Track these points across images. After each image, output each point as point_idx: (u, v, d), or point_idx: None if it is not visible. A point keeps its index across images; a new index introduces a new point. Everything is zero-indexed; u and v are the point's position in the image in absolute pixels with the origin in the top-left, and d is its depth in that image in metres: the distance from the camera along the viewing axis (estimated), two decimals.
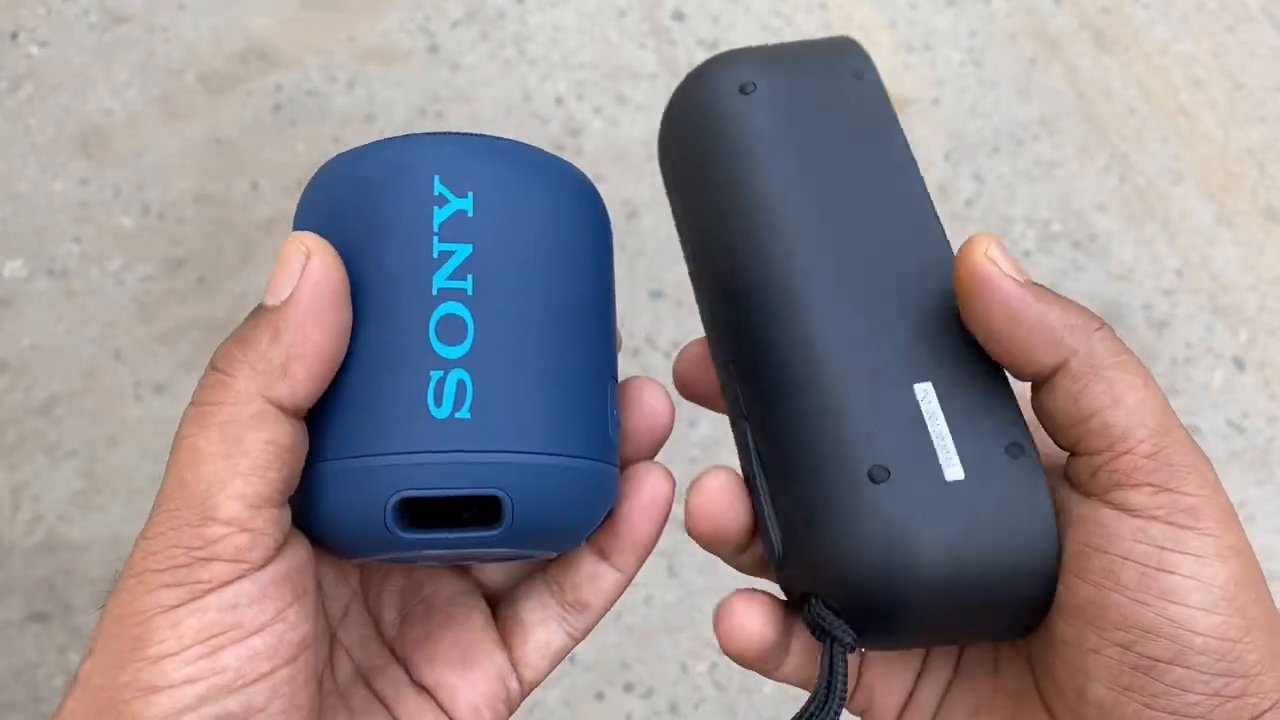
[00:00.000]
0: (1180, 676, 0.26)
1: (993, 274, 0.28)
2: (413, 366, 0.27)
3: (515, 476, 0.27)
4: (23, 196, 1.06)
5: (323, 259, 0.27)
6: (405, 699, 0.31)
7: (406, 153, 0.29)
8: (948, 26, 1.22)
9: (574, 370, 0.29)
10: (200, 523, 0.25)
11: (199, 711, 0.24)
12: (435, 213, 0.28)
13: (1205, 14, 1.26)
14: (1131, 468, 0.27)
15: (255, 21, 1.16)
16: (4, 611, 0.90)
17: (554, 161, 0.31)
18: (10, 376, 0.98)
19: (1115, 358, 0.28)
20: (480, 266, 0.28)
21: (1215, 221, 1.15)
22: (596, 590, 0.32)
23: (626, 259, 1.07)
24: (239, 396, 0.25)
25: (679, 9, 1.20)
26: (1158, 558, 0.26)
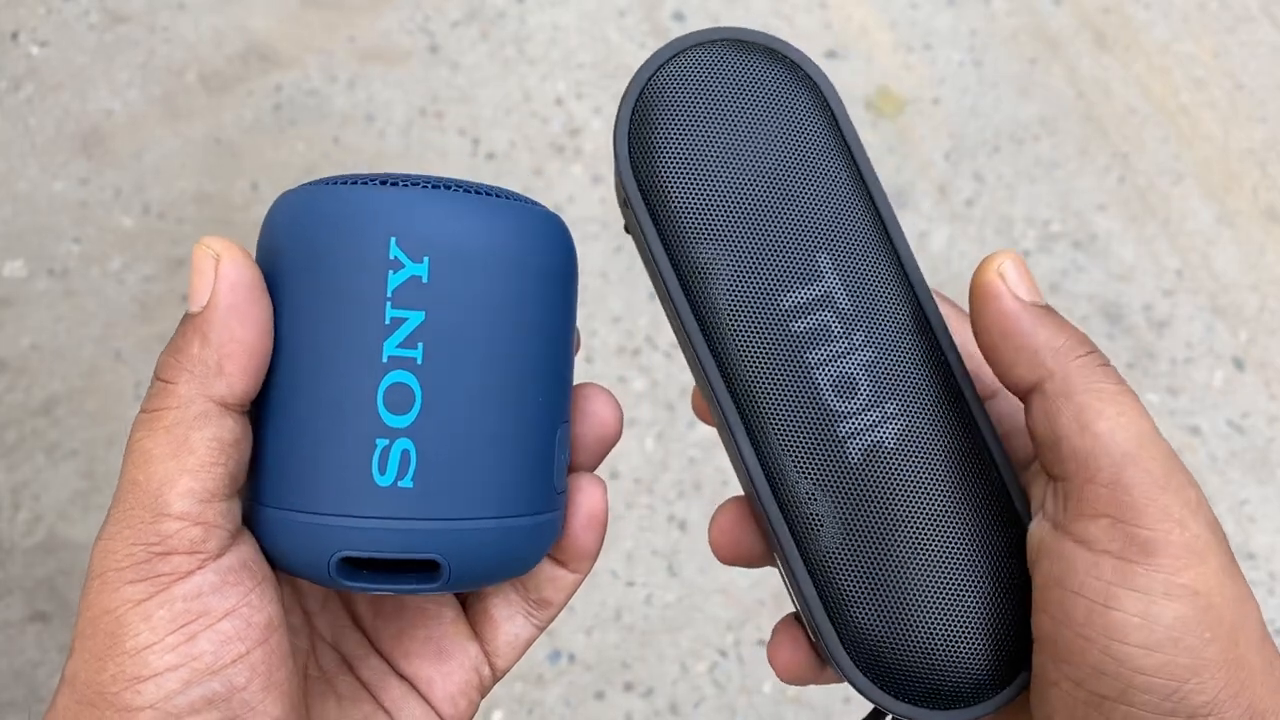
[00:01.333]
0: (1125, 714, 0.26)
1: (997, 288, 0.29)
2: (359, 433, 0.27)
3: (454, 542, 0.28)
4: (23, 196, 1.06)
5: (232, 259, 0.28)
6: (389, 686, 0.32)
7: (365, 206, 0.28)
8: (948, 26, 1.22)
9: (522, 431, 0.29)
10: (154, 520, 0.26)
11: (186, 694, 0.25)
12: (389, 278, 0.27)
13: (1205, 14, 1.26)
14: (1093, 497, 0.27)
15: (255, 21, 1.16)
16: (4, 611, 0.90)
17: (515, 210, 0.30)
18: (10, 376, 0.98)
19: (1092, 385, 0.28)
20: (431, 335, 0.27)
21: (1216, 221, 1.15)
22: (557, 589, 0.33)
23: (626, 259, 1.07)
24: (182, 400, 0.27)
25: (679, 9, 1.20)
26: (1105, 593, 0.26)
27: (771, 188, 0.30)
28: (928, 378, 0.30)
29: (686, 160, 0.31)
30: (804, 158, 0.31)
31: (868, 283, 0.30)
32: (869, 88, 1.18)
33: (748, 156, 0.31)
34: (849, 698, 0.92)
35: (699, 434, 1.00)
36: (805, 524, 0.30)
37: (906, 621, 0.30)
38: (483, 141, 1.12)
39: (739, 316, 0.30)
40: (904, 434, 0.30)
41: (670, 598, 0.95)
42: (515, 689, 0.91)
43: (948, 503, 0.30)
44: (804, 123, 0.31)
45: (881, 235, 0.31)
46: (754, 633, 0.94)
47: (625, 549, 0.96)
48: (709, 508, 0.97)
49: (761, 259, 0.30)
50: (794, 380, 0.30)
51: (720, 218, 0.30)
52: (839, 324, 0.30)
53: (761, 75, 0.31)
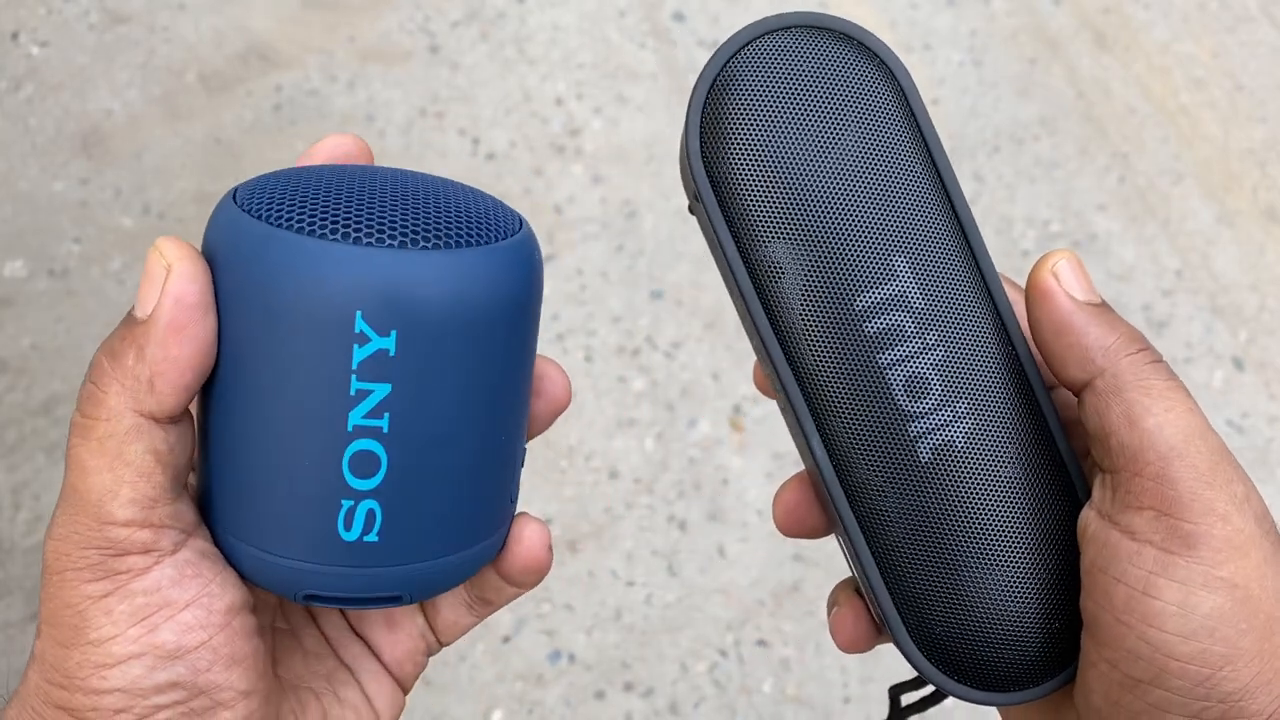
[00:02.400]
0: (1160, 698, 0.27)
1: (1051, 288, 0.30)
2: (325, 493, 0.27)
3: (416, 580, 0.29)
4: (23, 196, 1.06)
5: (181, 273, 0.27)
6: (348, 643, 0.34)
7: (328, 272, 0.26)
8: (948, 26, 1.22)
9: (485, 472, 0.29)
10: (101, 527, 0.26)
11: (151, 678, 0.27)
12: (354, 351, 0.26)
13: (1205, 14, 1.26)
14: (1140, 490, 0.28)
15: (255, 21, 1.16)
16: (4, 611, 0.90)
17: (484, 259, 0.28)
18: (10, 376, 0.98)
19: (1141, 381, 0.29)
20: (397, 404, 0.27)
21: (1215, 221, 1.15)
22: (498, 594, 0.34)
23: (626, 259, 1.07)
24: (112, 413, 0.27)
25: (679, 9, 1.20)
26: (1145, 582, 0.27)
27: (848, 184, 0.30)
28: (999, 375, 0.31)
29: (761, 154, 0.30)
30: (881, 153, 0.30)
31: (943, 283, 0.30)
32: None
33: (824, 151, 0.30)
34: (849, 698, 0.92)
35: (699, 434, 1.00)
36: (873, 517, 0.31)
37: (971, 611, 0.31)
38: (483, 141, 1.12)
39: (811, 316, 0.30)
40: (973, 433, 0.30)
41: (670, 598, 0.95)
42: (515, 689, 0.91)
43: (1014, 498, 0.30)
44: (882, 116, 0.30)
45: (957, 233, 0.31)
46: (754, 633, 0.94)
47: (625, 549, 0.96)
48: (709, 508, 0.98)
49: (836, 258, 0.30)
50: (866, 381, 0.30)
51: (795, 215, 0.30)
52: (913, 324, 0.30)
53: (840, 65, 0.30)
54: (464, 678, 0.91)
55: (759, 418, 1.01)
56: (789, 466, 0.99)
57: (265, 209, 0.27)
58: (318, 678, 0.33)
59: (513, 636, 0.92)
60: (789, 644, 0.94)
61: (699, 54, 1.17)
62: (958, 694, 0.31)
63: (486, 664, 0.91)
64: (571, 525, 0.97)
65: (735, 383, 1.02)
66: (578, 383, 1.01)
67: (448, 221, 0.28)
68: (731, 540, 0.97)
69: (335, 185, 0.28)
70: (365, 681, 0.34)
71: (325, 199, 0.27)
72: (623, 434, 1.00)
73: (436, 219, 0.28)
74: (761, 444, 1.00)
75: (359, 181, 0.28)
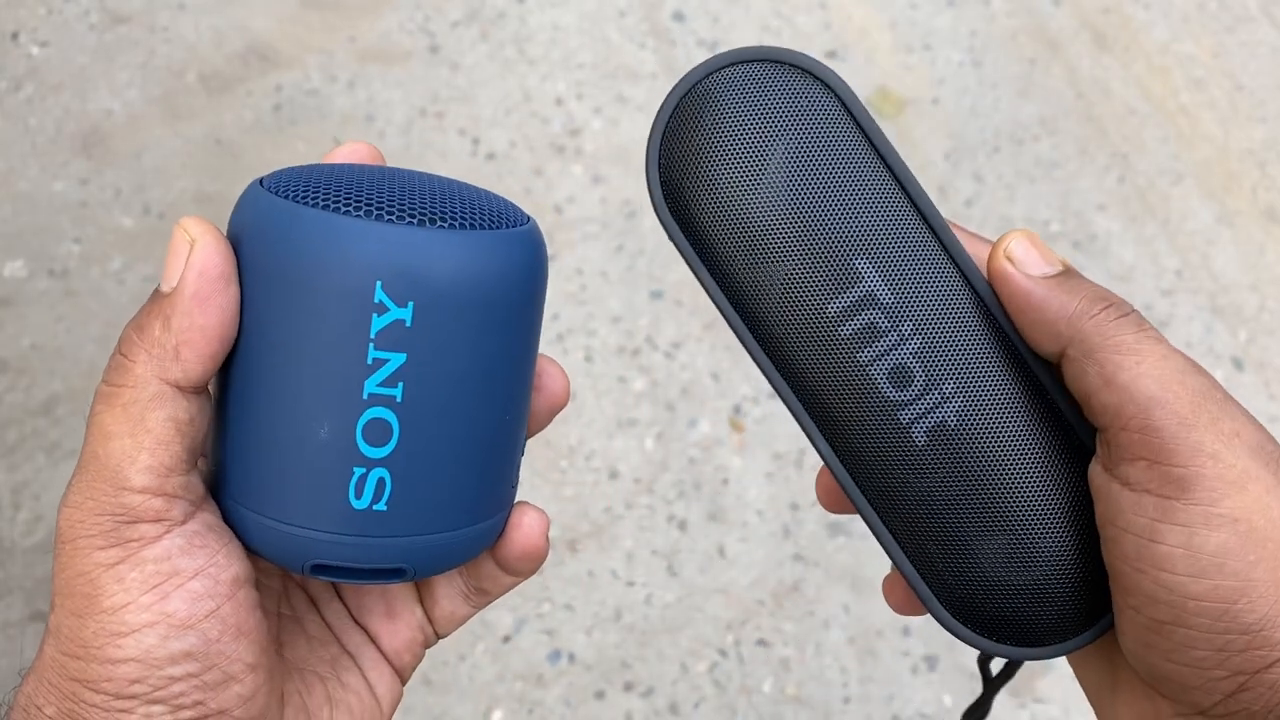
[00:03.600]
0: (1184, 636, 0.28)
1: (1005, 270, 0.31)
2: (338, 460, 0.28)
3: (421, 552, 0.30)
4: (23, 196, 1.06)
5: (205, 246, 0.28)
6: (350, 631, 0.35)
7: (350, 243, 0.27)
8: (948, 26, 1.22)
9: (492, 452, 0.31)
10: (116, 493, 0.27)
11: (165, 647, 0.27)
12: (373, 320, 0.28)
13: (1205, 14, 1.26)
14: (1128, 443, 0.29)
15: (255, 21, 1.16)
16: (4, 611, 0.90)
17: (498, 243, 0.29)
18: (11, 376, 0.98)
19: (1109, 340, 0.29)
20: (412, 374, 0.28)
21: (1215, 221, 1.15)
22: (495, 585, 0.35)
23: (626, 259, 1.07)
24: (138, 380, 0.28)
25: (679, 9, 1.20)
26: (1149, 529, 0.28)
27: (802, 201, 0.31)
28: (983, 350, 0.32)
29: (712, 191, 0.32)
30: (828, 164, 0.31)
31: (909, 274, 0.31)
32: (869, 88, 1.18)
33: (774, 175, 0.31)
34: (849, 698, 0.92)
35: (699, 434, 1.00)
36: (886, 502, 0.32)
37: (996, 576, 0.32)
38: (483, 141, 1.12)
39: (790, 328, 0.32)
40: (965, 411, 0.31)
41: (670, 598, 0.95)
42: (515, 688, 0.91)
43: (1018, 463, 0.31)
44: (823, 129, 0.32)
45: (916, 219, 0.32)
46: (754, 632, 0.94)
47: (625, 549, 0.96)
48: (709, 508, 0.98)
49: (802, 272, 0.31)
50: (851, 380, 0.32)
51: (758, 240, 0.32)
52: (885, 319, 0.31)
53: (769, 90, 0.32)
54: (464, 677, 0.91)
55: (759, 418, 1.01)
56: (789, 466, 0.99)
57: (292, 191, 0.29)
58: (322, 662, 0.34)
59: (513, 636, 0.93)
60: (789, 644, 0.94)
61: (699, 54, 1.17)
62: (1000, 653, 0.32)
63: (486, 664, 0.91)
64: (571, 525, 0.97)
65: (735, 383, 1.02)
66: (577, 383, 1.01)
67: (462, 208, 0.29)
68: (731, 540, 0.97)
69: (358, 176, 0.30)
70: (366, 668, 0.34)
71: (349, 185, 0.29)
72: (623, 434, 1.00)
73: (452, 205, 0.29)
74: (761, 444, 1.00)
75: (380, 175, 0.30)
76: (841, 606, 0.95)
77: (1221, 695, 0.28)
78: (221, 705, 0.28)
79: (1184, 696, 0.29)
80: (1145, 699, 0.31)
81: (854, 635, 0.94)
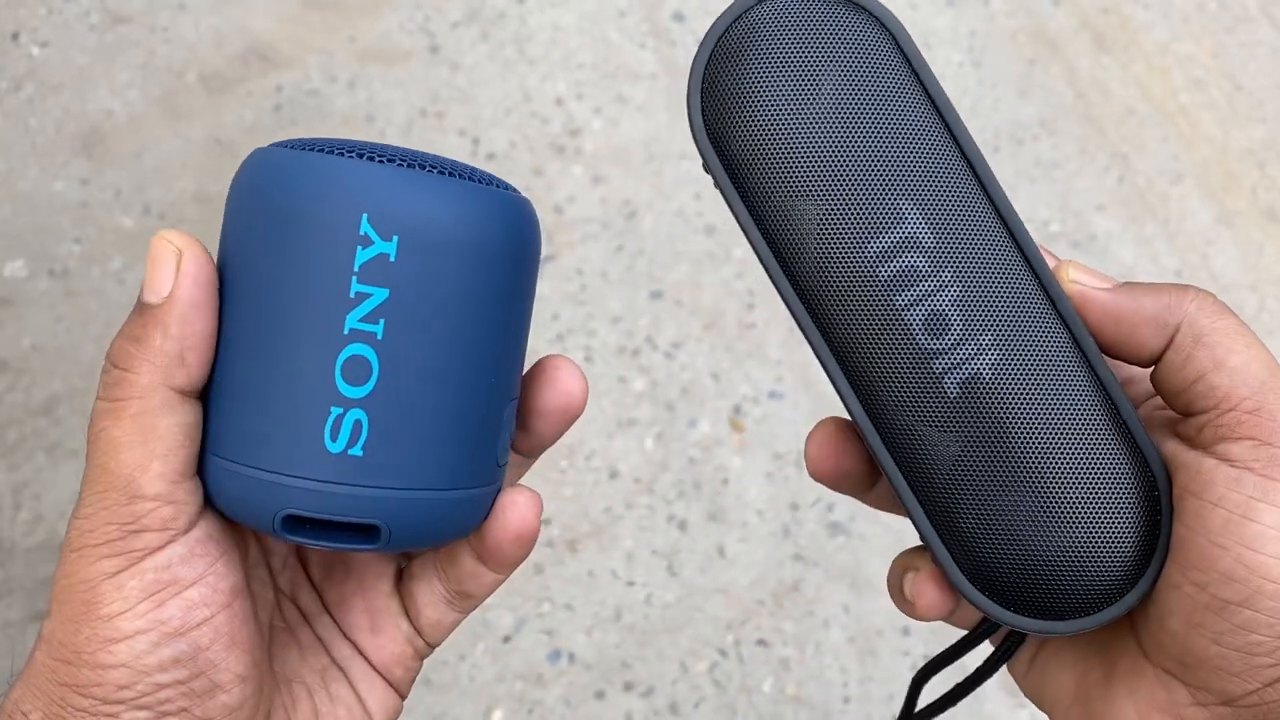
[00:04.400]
0: (1247, 619, 0.28)
1: (1083, 293, 0.31)
2: (315, 399, 0.28)
3: (395, 509, 0.29)
4: (23, 196, 1.06)
5: (193, 255, 0.29)
6: (339, 644, 0.35)
7: (338, 179, 0.28)
8: (947, 26, 1.22)
9: (472, 409, 0.30)
10: (129, 502, 0.28)
11: (155, 654, 0.28)
12: (358, 253, 0.28)
13: (1205, 14, 1.26)
14: (1235, 423, 0.29)
15: (255, 22, 1.16)
16: (5, 611, 0.90)
17: (486, 195, 0.30)
18: (11, 376, 0.98)
19: (1215, 323, 0.30)
20: (394, 312, 0.28)
21: (1215, 222, 1.15)
22: (478, 585, 0.34)
23: (626, 259, 1.07)
24: (144, 390, 0.28)
25: (679, 9, 1.20)
26: (1245, 506, 0.28)
27: (849, 135, 0.31)
28: (1022, 305, 0.31)
29: (760, 120, 0.31)
30: (879, 101, 0.31)
31: (953, 219, 0.31)
32: None
33: (820, 109, 0.31)
34: (849, 698, 0.92)
35: (699, 434, 1.00)
36: (910, 455, 0.31)
37: (1021, 542, 0.31)
38: (483, 141, 1.12)
39: (826, 266, 0.31)
40: (1000, 364, 0.31)
41: (670, 598, 0.95)
42: (515, 688, 0.91)
43: (1051, 424, 0.31)
44: (875, 67, 0.31)
45: (965, 169, 0.31)
46: (754, 632, 0.94)
47: (625, 549, 0.96)
48: (709, 508, 0.98)
49: (844, 208, 0.31)
50: (885, 324, 0.31)
51: (799, 173, 0.31)
52: (926, 264, 0.30)
53: (828, 23, 0.31)
54: (464, 677, 0.91)
55: (759, 418, 1.01)
56: (789, 466, 0.99)
57: (290, 143, 0.30)
58: (312, 673, 0.34)
59: (513, 636, 0.93)
60: (789, 644, 0.94)
61: None
62: (1016, 624, 0.32)
63: (486, 664, 0.92)
64: (571, 525, 0.97)
65: (735, 383, 1.02)
66: None
67: (455, 166, 0.30)
68: (731, 540, 0.97)
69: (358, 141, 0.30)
70: (356, 680, 0.34)
71: (347, 141, 0.30)
72: (623, 434, 1.00)
73: (445, 162, 0.30)
74: (761, 444, 1.00)
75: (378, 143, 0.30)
76: (841, 606, 0.95)
77: (1260, 684, 0.28)
78: (207, 714, 0.29)
79: (1216, 683, 0.29)
80: (1159, 688, 0.31)
81: (854, 635, 0.94)
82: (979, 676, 0.36)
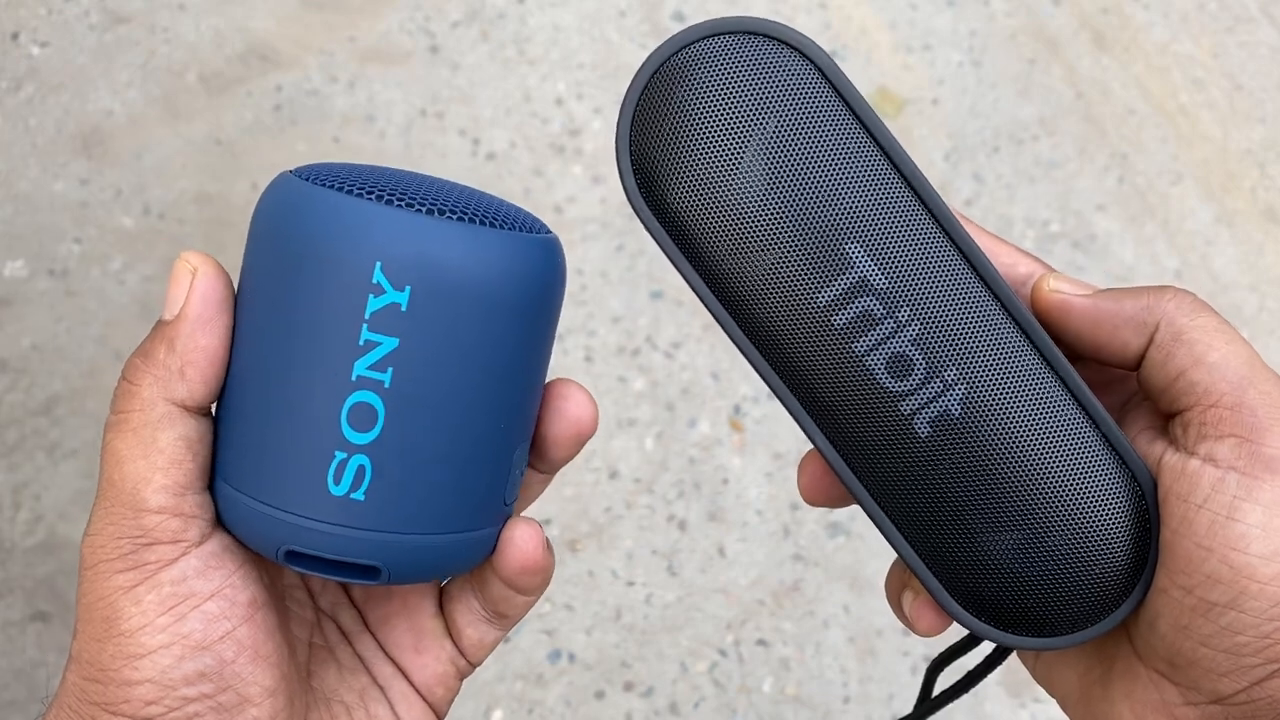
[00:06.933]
0: (1233, 620, 0.28)
1: (1063, 300, 0.31)
2: (319, 444, 0.28)
3: (395, 552, 0.29)
4: (23, 196, 1.06)
5: (206, 274, 0.29)
6: (380, 663, 0.35)
7: (354, 222, 0.28)
8: (947, 26, 1.22)
9: (478, 456, 0.30)
10: (135, 515, 0.28)
11: (180, 668, 0.28)
12: (369, 301, 0.27)
13: (1205, 14, 1.26)
14: (1217, 419, 0.29)
15: (255, 22, 1.16)
16: (5, 611, 0.90)
17: (505, 242, 0.29)
18: (11, 376, 0.98)
19: (1194, 320, 0.30)
20: (402, 361, 0.28)
21: (1215, 222, 1.15)
22: (512, 606, 0.34)
23: (626, 259, 1.07)
24: (145, 403, 0.29)
25: (679, 9, 1.20)
26: (1229, 507, 0.28)
27: (785, 184, 0.29)
28: (984, 330, 0.30)
29: (692, 178, 0.29)
30: (813, 144, 0.29)
31: (903, 253, 0.30)
32: (868, 88, 1.18)
33: (754, 159, 0.29)
34: (849, 698, 0.92)
35: (699, 434, 1.00)
36: (890, 497, 0.31)
37: (1006, 569, 0.31)
38: (483, 141, 1.12)
39: (780, 321, 0.30)
40: (969, 398, 0.30)
41: (670, 597, 0.95)
42: (515, 688, 0.91)
43: (1027, 454, 0.30)
44: (808, 105, 0.29)
45: (910, 197, 0.30)
46: (754, 632, 0.94)
47: (625, 549, 0.96)
48: (709, 507, 0.98)
49: (789, 261, 0.29)
50: (847, 372, 0.30)
51: (739, 230, 0.30)
52: (881, 306, 0.30)
53: (752, 69, 0.29)
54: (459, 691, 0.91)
55: (759, 418, 1.01)
56: (789, 466, 0.99)
57: (313, 175, 0.29)
58: (351, 692, 0.34)
59: (513, 636, 0.93)
60: (789, 644, 0.94)
61: None
62: (1012, 643, 0.32)
63: (487, 663, 0.92)
64: (571, 525, 0.97)
65: (735, 383, 1.02)
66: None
67: (475, 206, 0.29)
68: (731, 540, 0.97)
69: (387, 173, 0.30)
70: (395, 700, 0.34)
71: (370, 175, 0.29)
72: (623, 434, 1.00)
73: (467, 203, 0.29)
74: (761, 444, 1.00)
75: (410, 176, 0.30)
76: (841, 606, 0.95)
77: (1248, 683, 0.28)
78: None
79: (1205, 683, 0.29)
80: (1151, 688, 0.31)
81: (854, 635, 0.94)
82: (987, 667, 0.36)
